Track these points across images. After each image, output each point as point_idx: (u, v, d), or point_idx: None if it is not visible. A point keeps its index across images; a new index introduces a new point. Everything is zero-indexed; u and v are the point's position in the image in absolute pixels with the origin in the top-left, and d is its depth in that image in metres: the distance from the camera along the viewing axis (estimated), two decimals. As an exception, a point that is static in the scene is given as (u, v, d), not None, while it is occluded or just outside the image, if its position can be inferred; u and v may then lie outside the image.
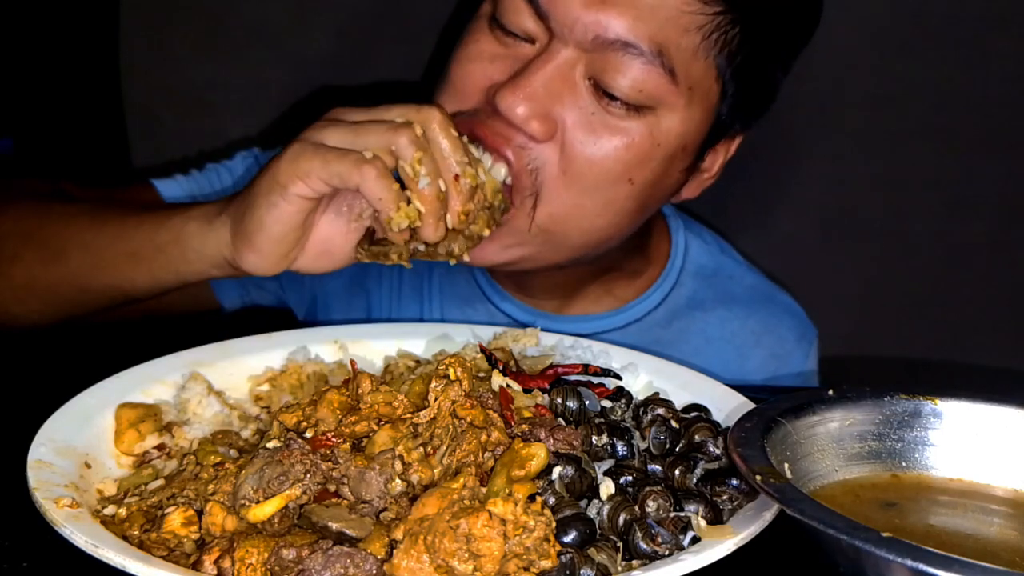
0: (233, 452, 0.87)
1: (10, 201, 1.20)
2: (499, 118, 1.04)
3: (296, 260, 1.00)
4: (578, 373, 0.97)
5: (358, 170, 0.91)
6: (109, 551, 0.66)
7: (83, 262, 1.10)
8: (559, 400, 0.88)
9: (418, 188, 0.94)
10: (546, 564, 0.68)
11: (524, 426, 0.82)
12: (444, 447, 0.77)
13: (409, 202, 0.95)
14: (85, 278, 1.10)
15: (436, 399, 0.81)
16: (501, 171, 1.04)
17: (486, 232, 1.00)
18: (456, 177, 0.97)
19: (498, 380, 0.88)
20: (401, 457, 0.75)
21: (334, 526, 0.69)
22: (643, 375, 1.03)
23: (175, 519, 0.73)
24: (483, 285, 1.31)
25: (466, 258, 1.01)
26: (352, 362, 0.96)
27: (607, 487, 0.78)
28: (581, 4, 1.01)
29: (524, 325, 1.26)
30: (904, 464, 0.86)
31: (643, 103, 1.04)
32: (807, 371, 1.35)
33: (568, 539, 0.71)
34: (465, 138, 1.00)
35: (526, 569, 0.67)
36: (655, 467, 0.83)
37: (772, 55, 1.11)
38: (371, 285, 1.35)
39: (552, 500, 0.75)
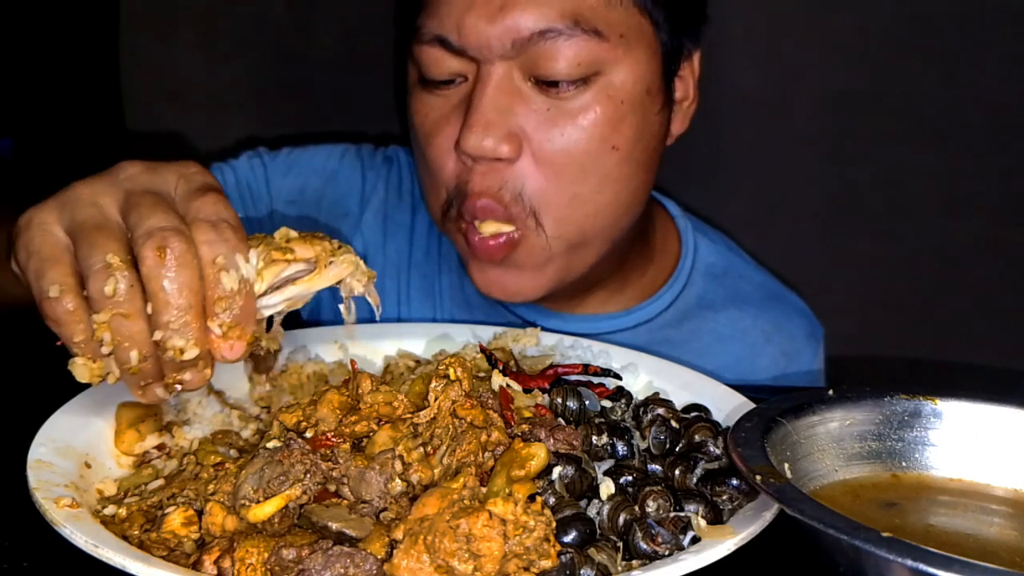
0: (233, 452, 0.87)
1: None
2: (476, 165, 1.06)
3: None
4: (578, 373, 0.97)
5: (38, 300, 0.74)
6: (109, 551, 0.66)
7: None
8: (559, 400, 0.88)
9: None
10: (546, 564, 0.68)
11: (524, 426, 0.82)
12: (444, 447, 0.77)
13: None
14: None
15: (436, 399, 0.81)
16: (360, 266, 0.86)
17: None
18: (157, 344, 0.73)
19: (498, 380, 0.88)
20: (401, 457, 0.75)
21: (334, 526, 0.69)
22: (643, 375, 1.03)
23: (175, 519, 0.73)
24: None
25: (503, 287, 1.08)
26: (352, 362, 0.96)
27: (607, 487, 0.78)
28: (485, 21, 1.03)
29: (535, 326, 1.26)
30: (904, 464, 0.86)
31: (586, 74, 1.05)
32: (815, 370, 1.36)
33: (568, 539, 0.71)
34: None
35: (526, 569, 0.67)
36: (655, 467, 0.83)
37: None
38: (376, 286, 1.35)
39: (552, 500, 0.75)
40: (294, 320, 1.41)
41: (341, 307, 0.88)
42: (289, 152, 1.36)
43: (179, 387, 0.76)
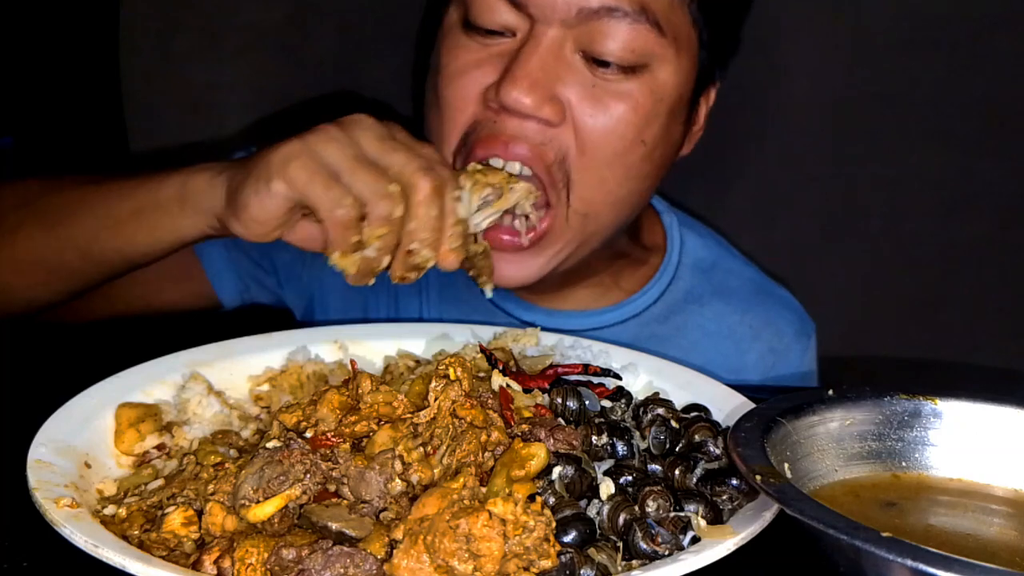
0: (233, 452, 0.87)
1: (14, 181, 1.20)
2: (507, 117, 1.04)
3: (284, 236, 0.99)
4: (578, 373, 0.97)
5: (329, 209, 0.91)
6: (109, 551, 0.66)
7: (85, 223, 1.09)
8: (559, 400, 0.88)
9: (363, 253, 0.95)
10: (546, 564, 0.68)
11: (524, 426, 0.82)
12: (444, 447, 0.77)
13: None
14: (86, 240, 1.09)
15: (436, 399, 0.81)
16: (526, 173, 1.06)
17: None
18: (409, 252, 0.95)
19: (498, 380, 0.88)
20: (401, 457, 0.75)
21: (334, 526, 0.69)
22: (643, 375, 1.03)
23: (175, 519, 0.73)
24: None
25: (509, 276, 1.09)
26: (352, 362, 0.96)
27: (607, 487, 0.78)
28: None
29: (523, 321, 1.26)
30: (904, 464, 0.86)
31: (636, 63, 1.05)
32: (806, 371, 1.35)
33: (568, 539, 0.71)
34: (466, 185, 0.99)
35: (526, 569, 0.67)
36: (655, 467, 0.83)
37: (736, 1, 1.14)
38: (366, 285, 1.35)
39: (552, 500, 0.75)
40: (293, 320, 1.41)
41: (516, 223, 1.07)
42: None
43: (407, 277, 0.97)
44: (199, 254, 1.33)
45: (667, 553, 0.71)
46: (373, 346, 1.09)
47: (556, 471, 0.77)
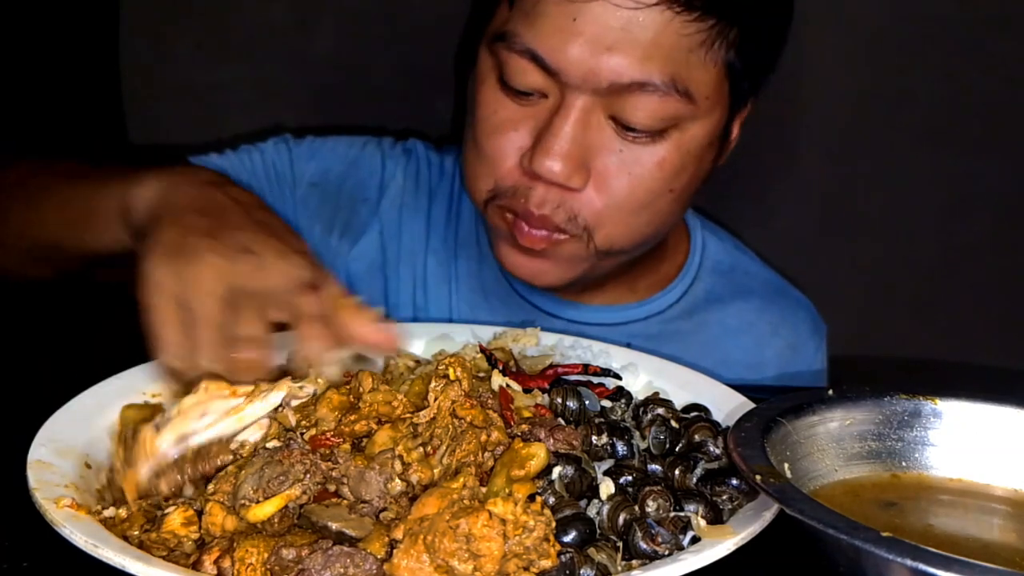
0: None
1: (18, 160, 1.22)
2: (538, 183, 1.08)
3: None
4: (578, 373, 0.97)
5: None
6: (109, 551, 0.66)
7: (53, 217, 1.10)
8: (559, 400, 0.88)
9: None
10: (546, 564, 0.68)
11: (524, 426, 0.82)
12: (444, 447, 0.77)
13: None
14: (55, 234, 1.11)
15: (436, 399, 0.81)
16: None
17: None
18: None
19: (498, 380, 0.88)
20: (401, 457, 0.75)
21: (334, 526, 0.69)
22: (643, 375, 1.03)
23: (175, 519, 0.73)
24: (508, 275, 1.31)
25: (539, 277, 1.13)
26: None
27: (607, 487, 0.78)
28: (589, 54, 1.02)
29: (550, 314, 1.30)
30: (904, 464, 0.86)
31: (664, 127, 1.07)
32: (818, 369, 1.38)
33: (568, 539, 0.71)
34: None
35: (526, 569, 0.67)
36: (655, 467, 0.83)
37: (771, 33, 1.14)
38: (390, 272, 1.36)
39: (552, 500, 0.75)
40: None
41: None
42: (313, 140, 1.39)
43: None
44: None
45: (667, 553, 0.71)
46: (373, 346, 1.09)
47: (556, 471, 0.77)
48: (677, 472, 0.82)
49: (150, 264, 0.86)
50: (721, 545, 0.71)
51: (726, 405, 0.94)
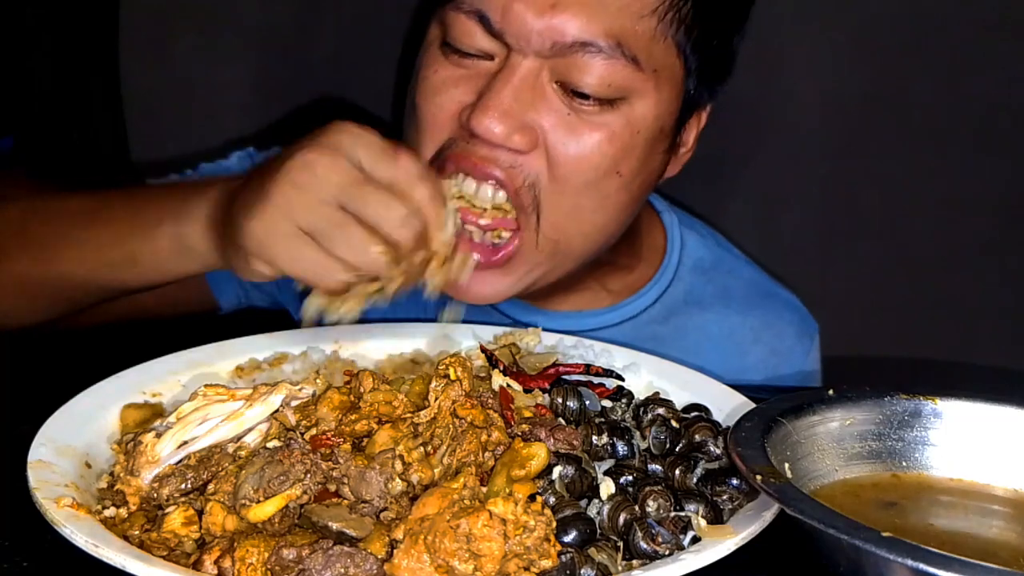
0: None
1: (2, 196, 1.17)
2: (479, 142, 1.04)
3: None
4: (579, 373, 0.97)
5: (317, 283, 0.88)
6: (109, 551, 0.66)
7: (75, 262, 1.07)
8: (559, 400, 0.88)
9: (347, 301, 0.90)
10: (546, 564, 0.68)
11: (524, 426, 0.82)
12: (444, 447, 0.77)
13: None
14: (78, 277, 1.08)
15: (436, 399, 0.81)
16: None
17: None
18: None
19: (498, 380, 0.88)
20: (401, 457, 0.75)
21: (334, 526, 0.69)
22: (644, 375, 1.03)
23: (175, 519, 0.73)
24: None
25: (478, 293, 1.08)
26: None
27: (607, 487, 0.78)
28: (533, 14, 1.01)
29: (520, 322, 1.26)
30: (904, 464, 0.86)
31: (614, 96, 1.04)
32: (809, 370, 1.35)
33: (568, 539, 0.71)
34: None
35: (526, 569, 0.67)
36: (655, 467, 0.83)
37: (727, 21, 1.12)
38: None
39: (552, 500, 0.75)
40: (291, 320, 1.41)
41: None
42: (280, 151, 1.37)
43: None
44: None
45: (667, 553, 0.71)
46: (373, 346, 1.09)
47: (556, 471, 0.77)
48: (677, 472, 0.82)
49: (252, 215, 0.86)
50: (721, 545, 0.71)
51: (726, 405, 0.94)
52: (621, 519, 0.74)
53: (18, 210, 1.14)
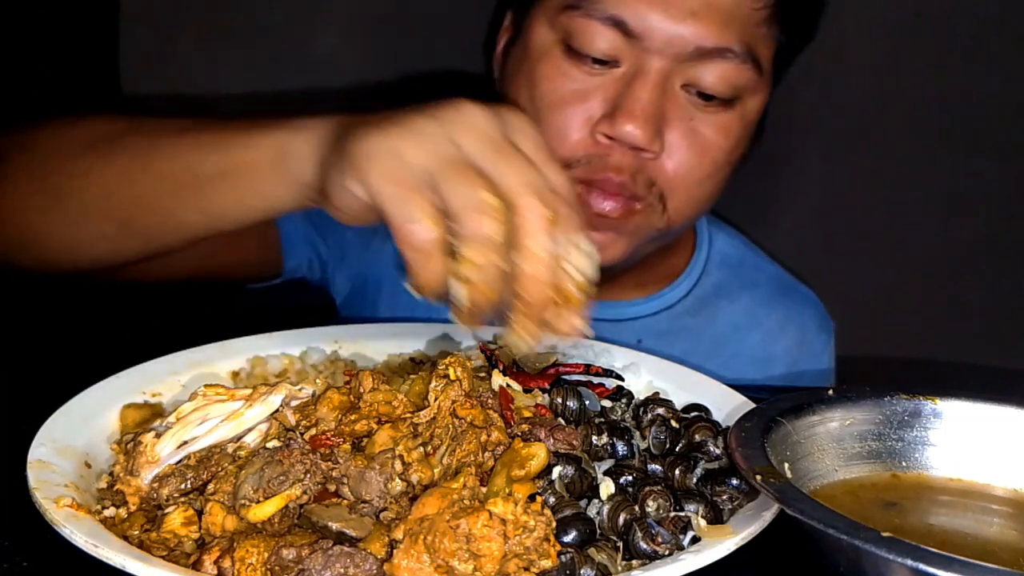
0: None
1: (87, 115, 1.09)
2: (618, 150, 1.08)
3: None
4: (579, 373, 0.97)
5: (399, 225, 0.75)
6: (109, 551, 0.66)
7: (164, 175, 0.97)
8: (559, 400, 0.88)
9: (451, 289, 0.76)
10: (546, 564, 0.68)
11: (524, 426, 0.81)
12: (444, 447, 0.77)
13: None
14: (165, 196, 0.97)
15: (436, 399, 0.81)
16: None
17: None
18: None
19: (498, 380, 0.88)
20: (401, 457, 0.75)
21: (334, 526, 0.69)
22: (644, 375, 1.03)
23: (175, 519, 0.73)
24: None
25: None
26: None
27: (607, 487, 0.78)
28: (673, 20, 1.05)
29: None
30: (904, 464, 0.86)
31: (733, 96, 1.11)
32: (825, 367, 1.40)
33: (568, 539, 0.71)
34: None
35: (526, 569, 0.67)
36: (655, 467, 0.83)
37: (807, 24, 1.20)
38: (371, 281, 1.35)
39: (552, 500, 0.75)
40: (295, 320, 1.41)
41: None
42: None
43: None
44: (278, 221, 1.31)
45: (667, 553, 0.71)
46: (373, 346, 1.09)
47: (556, 471, 0.77)
48: (677, 472, 0.82)
49: (363, 137, 0.77)
50: (721, 545, 0.71)
51: (726, 405, 0.94)
52: (621, 519, 0.74)
53: (115, 122, 1.05)
